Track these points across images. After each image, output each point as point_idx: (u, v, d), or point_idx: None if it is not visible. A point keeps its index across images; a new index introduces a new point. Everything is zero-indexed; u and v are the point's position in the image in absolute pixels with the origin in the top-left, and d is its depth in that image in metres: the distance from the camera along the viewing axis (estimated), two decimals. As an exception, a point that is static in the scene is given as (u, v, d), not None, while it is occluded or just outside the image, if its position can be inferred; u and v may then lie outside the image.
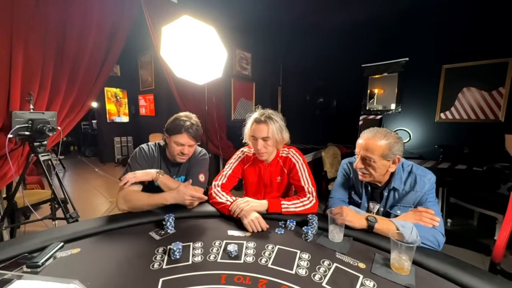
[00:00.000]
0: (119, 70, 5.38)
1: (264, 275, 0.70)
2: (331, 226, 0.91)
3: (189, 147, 1.17)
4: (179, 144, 1.15)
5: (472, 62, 2.88)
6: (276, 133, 1.19)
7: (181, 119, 1.15)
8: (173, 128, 1.14)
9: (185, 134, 1.13)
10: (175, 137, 1.14)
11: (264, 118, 1.18)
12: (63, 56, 1.80)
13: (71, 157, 6.25)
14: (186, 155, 1.18)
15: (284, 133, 1.23)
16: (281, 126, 1.22)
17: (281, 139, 1.22)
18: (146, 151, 1.23)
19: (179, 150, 1.16)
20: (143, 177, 1.11)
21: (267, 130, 1.17)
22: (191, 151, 1.21)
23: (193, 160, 1.27)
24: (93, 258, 0.76)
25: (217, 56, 1.76)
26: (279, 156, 1.30)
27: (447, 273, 0.70)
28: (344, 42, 3.88)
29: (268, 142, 1.19)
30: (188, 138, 1.14)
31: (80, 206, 2.99)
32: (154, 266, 0.72)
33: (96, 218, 1.01)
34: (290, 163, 1.27)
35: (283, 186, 1.33)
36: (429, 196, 0.94)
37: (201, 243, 0.85)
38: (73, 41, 1.82)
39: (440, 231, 0.86)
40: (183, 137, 1.13)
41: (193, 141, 1.17)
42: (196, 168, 1.25)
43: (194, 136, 1.15)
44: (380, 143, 0.91)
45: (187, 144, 1.15)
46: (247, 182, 1.38)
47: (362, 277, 0.69)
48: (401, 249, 0.72)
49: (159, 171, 1.15)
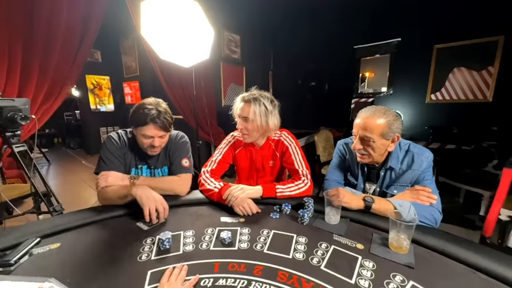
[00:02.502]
0: (101, 56, 5.06)
1: (259, 261, 0.66)
2: (328, 208, 0.88)
3: (160, 138, 1.04)
4: (147, 136, 1.01)
5: (463, 41, 2.85)
6: (259, 116, 1.10)
7: (146, 108, 1.00)
8: (137, 119, 1.00)
9: (151, 125, 0.99)
10: (141, 129, 1.00)
11: (248, 98, 1.12)
12: (32, 37, 1.63)
13: (56, 150, 5.99)
14: (158, 147, 1.06)
15: (270, 119, 1.13)
16: (268, 111, 1.12)
17: (265, 125, 1.12)
18: (116, 139, 1.09)
19: (149, 143, 1.03)
20: (115, 181, 1.01)
21: (248, 111, 1.11)
22: (164, 142, 1.08)
23: (172, 146, 1.15)
24: (74, 253, 0.70)
25: (203, 35, 1.64)
26: (271, 139, 1.24)
27: (445, 250, 0.69)
28: (335, 24, 3.76)
29: (248, 124, 1.12)
30: (156, 129, 1.00)
31: (68, 199, 2.90)
32: (142, 258, 0.68)
33: (79, 210, 0.94)
34: (282, 147, 1.21)
35: (276, 170, 1.28)
36: (426, 175, 0.92)
37: (192, 231, 0.81)
38: (42, 19, 1.64)
39: (437, 208, 0.85)
40: (149, 129, 0.99)
41: (163, 131, 1.03)
42: (178, 154, 1.14)
43: (162, 127, 1.01)
44: (379, 121, 0.87)
45: (156, 135, 1.02)
46: (239, 168, 1.32)
47: (361, 258, 0.67)
48: (400, 228, 0.70)
49: (132, 176, 1.04)
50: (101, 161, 1.05)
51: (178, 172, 1.12)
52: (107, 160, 1.05)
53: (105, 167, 1.03)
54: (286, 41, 4.42)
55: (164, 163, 1.17)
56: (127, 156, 1.11)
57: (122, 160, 1.09)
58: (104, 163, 1.04)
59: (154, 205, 0.86)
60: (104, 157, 1.05)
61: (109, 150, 1.06)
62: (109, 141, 1.08)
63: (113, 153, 1.06)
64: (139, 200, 0.87)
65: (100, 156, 1.06)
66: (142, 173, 1.14)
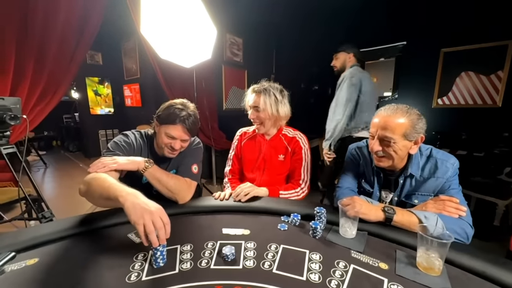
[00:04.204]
0: (101, 59, 5.02)
1: (269, 283, 0.56)
2: (342, 219, 0.78)
3: (182, 141, 1.00)
4: (170, 136, 0.98)
5: (471, 45, 2.78)
6: (269, 105, 1.17)
7: (177, 107, 0.97)
8: (166, 116, 0.97)
9: (179, 125, 0.96)
10: (167, 127, 0.97)
11: (259, 89, 1.20)
12: (27, 34, 1.56)
13: (54, 153, 5.90)
14: (177, 151, 1.01)
15: (281, 107, 1.20)
16: (278, 100, 1.19)
17: (276, 113, 1.19)
18: (133, 138, 1.03)
19: (169, 143, 0.99)
20: (126, 165, 0.88)
21: (258, 101, 1.19)
22: (184, 146, 1.03)
23: (187, 149, 1.09)
24: (52, 271, 0.60)
25: (205, 34, 1.57)
26: (282, 133, 1.28)
27: (486, 272, 0.59)
28: (339, 27, 3.72)
29: (260, 114, 1.19)
30: (183, 131, 0.97)
31: (62, 204, 2.79)
32: (131, 278, 0.58)
33: (66, 218, 0.85)
34: (296, 145, 1.24)
35: (285, 169, 1.25)
36: (452, 183, 0.83)
37: (190, 245, 0.71)
38: (38, 16, 1.57)
39: (468, 221, 0.75)
40: (176, 129, 0.97)
41: (188, 135, 1.00)
42: (189, 158, 1.08)
43: (189, 130, 0.99)
44: (401, 120, 0.78)
45: (180, 138, 0.98)
46: (245, 158, 1.32)
47: (387, 281, 0.57)
48: (432, 245, 0.60)
49: (149, 160, 0.93)
50: (107, 153, 0.95)
51: (185, 176, 1.02)
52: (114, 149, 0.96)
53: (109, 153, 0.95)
54: (289, 45, 4.38)
55: (174, 166, 1.10)
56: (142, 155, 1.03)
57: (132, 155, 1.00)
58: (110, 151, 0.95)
59: (149, 220, 0.61)
60: (114, 150, 0.95)
61: (120, 144, 0.98)
62: (124, 137, 1.02)
63: (124, 149, 0.98)
64: (126, 211, 0.64)
65: (108, 148, 0.97)
66: None
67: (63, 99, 6.05)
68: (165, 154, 1.02)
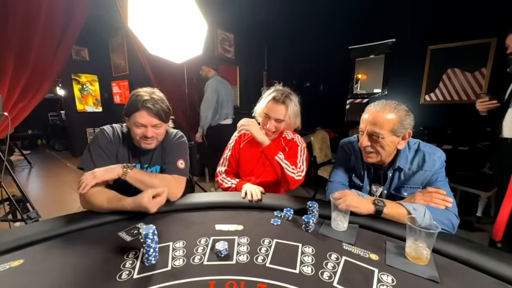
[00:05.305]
0: (88, 54, 4.85)
1: (262, 277, 0.57)
2: (334, 213, 0.80)
3: (154, 127, 0.95)
4: (140, 125, 0.93)
5: (457, 42, 2.87)
6: (292, 117, 1.15)
7: (138, 95, 0.94)
8: (130, 106, 0.93)
9: (143, 111, 0.91)
10: (133, 117, 0.93)
11: (284, 99, 1.12)
12: (6, 25, 1.48)
13: (39, 152, 5.68)
14: (152, 138, 0.96)
15: (298, 118, 1.19)
16: (297, 110, 1.18)
17: (294, 124, 1.19)
18: (110, 134, 0.99)
19: (141, 133, 0.94)
20: (105, 175, 0.86)
21: (284, 113, 1.12)
22: (159, 133, 0.98)
23: (168, 145, 1.06)
24: (39, 272, 0.58)
25: (195, 28, 1.54)
26: (282, 136, 1.25)
27: (470, 260, 0.61)
28: (330, 24, 3.74)
29: (281, 125, 1.15)
30: (149, 115, 0.92)
31: (49, 204, 2.70)
32: (122, 277, 0.57)
33: (53, 218, 0.82)
34: (293, 145, 1.23)
35: None
36: (440, 175, 0.85)
37: (183, 242, 0.70)
38: (18, 8, 1.50)
39: (454, 212, 0.78)
40: (142, 115, 0.92)
41: (157, 119, 0.94)
42: (173, 154, 1.04)
43: (156, 113, 0.93)
44: (389, 116, 0.80)
45: (149, 124, 0.93)
46: (243, 162, 1.27)
47: (377, 271, 0.59)
48: (420, 236, 0.62)
49: (126, 165, 0.90)
50: (89, 157, 0.92)
51: (172, 173, 1.00)
52: (97, 157, 0.92)
53: (91, 166, 0.90)
54: (280, 41, 4.37)
55: (157, 162, 1.06)
56: (120, 153, 1.00)
57: (114, 159, 0.97)
58: (91, 160, 0.91)
59: None
60: (94, 153, 0.92)
61: (101, 146, 0.94)
62: (102, 134, 0.97)
63: (105, 149, 0.94)
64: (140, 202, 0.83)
65: (88, 150, 0.93)
66: None
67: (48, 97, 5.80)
68: (142, 146, 0.98)
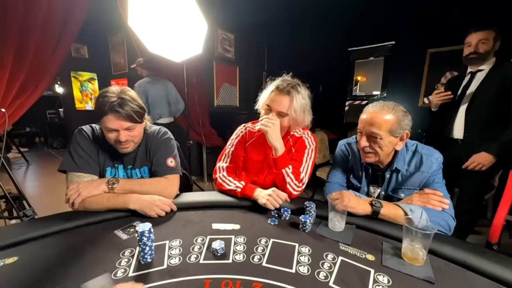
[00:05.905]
0: (87, 52, 4.84)
1: (258, 277, 0.57)
2: (331, 213, 0.80)
3: (127, 130, 0.87)
4: (110, 129, 0.85)
5: (456, 46, 2.88)
6: (298, 111, 0.98)
7: (104, 96, 0.84)
8: (97, 109, 0.85)
9: (111, 115, 0.82)
10: (102, 121, 0.85)
11: (289, 88, 0.97)
12: (6, 21, 1.47)
13: (37, 150, 5.66)
14: (127, 142, 0.89)
15: (307, 114, 1.02)
16: (306, 104, 1.01)
17: (302, 120, 1.02)
18: (89, 133, 0.94)
19: (114, 137, 0.86)
20: (90, 192, 0.83)
21: (288, 105, 0.97)
22: (134, 135, 0.90)
23: (153, 143, 0.99)
24: (34, 269, 0.58)
25: (195, 27, 1.54)
26: (290, 134, 1.11)
27: (466, 261, 0.61)
28: (330, 26, 3.75)
29: (284, 119, 0.99)
30: (118, 119, 0.83)
31: (46, 203, 2.69)
32: (117, 275, 0.56)
33: (49, 216, 0.82)
34: (301, 145, 1.08)
35: None
36: (437, 177, 0.86)
37: (179, 240, 0.70)
38: (17, 3, 1.49)
39: (450, 214, 0.78)
40: (110, 120, 0.83)
41: (128, 122, 0.85)
42: (161, 153, 0.99)
43: (126, 116, 0.83)
44: (387, 117, 0.80)
45: (121, 127, 0.85)
46: (250, 160, 1.17)
47: (373, 271, 0.59)
48: (416, 237, 0.62)
49: (110, 180, 0.86)
50: (69, 159, 0.88)
51: (163, 173, 0.97)
52: (78, 158, 0.88)
53: (74, 167, 0.88)
54: (280, 42, 4.37)
55: (144, 163, 1.00)
56: (101, 153, 0.95)
57: (96, 158, 0.93)
58: (73, 161, 0.88)
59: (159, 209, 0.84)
60: (75, 154, 0.88)
61: (81, 146, 0.90)
62: (81, 134, 0.92)
63: (85, 149, 0.90)
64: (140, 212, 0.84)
65: (69, 152, 0.89)
66: (118, 173, 0.98)
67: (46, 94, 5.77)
68: (119, 151, 0.92)
